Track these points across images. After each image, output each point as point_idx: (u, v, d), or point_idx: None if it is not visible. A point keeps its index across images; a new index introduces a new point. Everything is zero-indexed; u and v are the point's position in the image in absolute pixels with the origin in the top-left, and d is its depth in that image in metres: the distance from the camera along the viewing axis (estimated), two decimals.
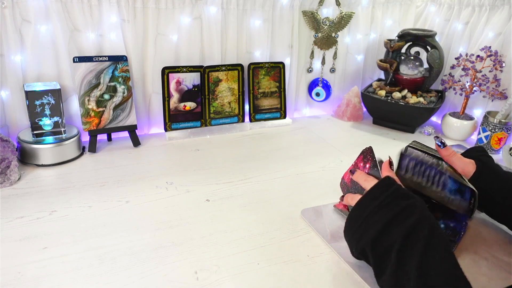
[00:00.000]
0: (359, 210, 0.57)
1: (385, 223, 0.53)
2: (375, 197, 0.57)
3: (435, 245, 0.49)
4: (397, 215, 0.53)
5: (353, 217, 0.58)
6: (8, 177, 0.81)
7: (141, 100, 1.08)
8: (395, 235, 0.51)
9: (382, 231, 0.53)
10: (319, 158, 1.01)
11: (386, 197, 0.56)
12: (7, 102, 0.93)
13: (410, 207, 0.54)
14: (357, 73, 1.37)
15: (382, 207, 0.55)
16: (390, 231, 0.52)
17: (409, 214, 0.53)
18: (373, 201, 0.56)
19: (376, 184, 0.58)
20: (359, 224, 0.56)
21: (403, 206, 0.54)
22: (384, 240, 0.52)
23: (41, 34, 0.92)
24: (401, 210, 0.53)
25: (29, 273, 0.58)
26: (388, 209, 0.54)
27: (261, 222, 0.73)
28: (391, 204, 0.55)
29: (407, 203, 0.54)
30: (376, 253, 0.53)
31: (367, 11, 1.28)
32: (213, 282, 0.58)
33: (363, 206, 0.57)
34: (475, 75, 1.13)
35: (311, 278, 0.60)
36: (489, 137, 1.08)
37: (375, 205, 0.56)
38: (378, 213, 0.55)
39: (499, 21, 1.12)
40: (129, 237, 0.67)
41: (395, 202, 0.55)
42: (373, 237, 0.53)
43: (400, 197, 0.55)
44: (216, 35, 1.09)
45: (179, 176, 0.89)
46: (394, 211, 0.53)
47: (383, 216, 0.54)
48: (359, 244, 0.56)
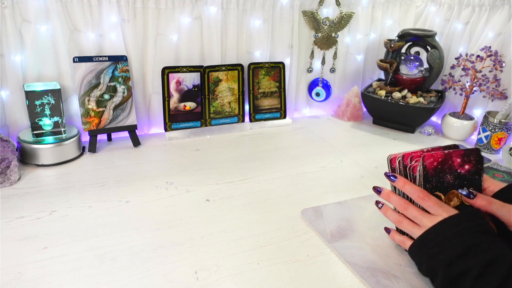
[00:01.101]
0: (437, 230, 0.56)
1: (465, 248, 0.52)
2: (458, 223, 0.55)
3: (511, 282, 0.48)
4: (479, 244, 0.52)
5: (429, 235, 0.57)
6: (8, 177, 0.81)
7: (141, 100, 1.08)
8: (475, 261, 0.50)
9: (460, 255, 0.52)
10: (319, 158, 1.01)
11: (469, 226, 0.54)
12: (7, 102, 0.93)
13: (492, 242, 0.53)
14: (357, 73, 1.37)
15: (464, 233, 0.54)
16: (469, 257, 0.51)
17: (490, 246, 0.52)
18: (455, 226, 0.55)
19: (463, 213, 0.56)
20: (434, 243, 0.55)
21: (485, 240, 0.53)
22: (460, 264, 0.52)
23: (41, 34, 0.92)
24: (482, 241, 0.52)
25: (29, 273, 0.58)
26: (470, 236, 0.53)
27: (261, 222, 0.73)
28: (474, 234, 0.54)
29: (490, 238, 0.53)
30: (449, 275, 0.53)
31: (367, 11, 1.28)
32: (213, 282, 0.58)
33: (443, 227, 0.56)
34: (475, 75, 1.13)
35: (311, 278, 0.60)
36: (489, 137, 1.08)
37: (456, 230, 0.54)
38: (458, 239, 0.53)
39: (499, 21, 1.12)
40: (129, 237, 0.67)
41: (478, 234, 0.54)
42: (448, 259, 0.53)
43: (484, 231, 0.54)
44: (216, 35, 1.09)
45: (179, 176, 0.89)
46: (476, 240, 0.53)
47: (465, 241, 0.53)
48: (430, 262, 0.55)
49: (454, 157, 0.61)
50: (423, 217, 0.59)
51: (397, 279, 0.59)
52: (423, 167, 0.60)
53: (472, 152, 0.61)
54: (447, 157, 0.61)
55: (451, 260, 0.52)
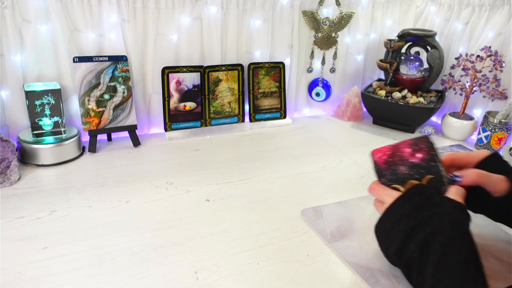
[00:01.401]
0: (386, 218, 0.58)
1: (407, 234, 0.54)
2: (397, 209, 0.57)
3: (452, 254, 0.48)
4: (418, 224, 0.53)
5: (379, 230, 0.59)
6: (8, 177, 0.81)
7: (141, 100, 1.08)
8: (414, 244, 0.52)
9: (404, 242, 0.54)
10: (319, 158, 1.01)
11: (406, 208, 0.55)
12: (7, 102, 0.93)
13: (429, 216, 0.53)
14: (357, 73, 1.37)
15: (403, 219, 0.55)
16: (411, 241, 0.53)
17: (428, 222, 0.52)
18: (395, 213, 0.57)
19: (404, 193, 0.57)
20: (386, 234, 0.58)
21: (423, 215, 0.53)
22: (406, 250, 0.53)
23: (41, 34, 0.92)
24: (421, 220, 0.53)
25: (29, 273, 0.58)
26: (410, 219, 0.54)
27: (261, 222, 0.73)
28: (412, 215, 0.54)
29: (428, 213, 0.54)
30: (402, 263, 0.55)
31: (367, 11, 1.28)
32: (213, 282, 0.58)
33: (390, 214, 0.57)
34: (475, 75, 1.13)
35: (311, 278, 0.60)
36: (489, 137, 1.08)
37: (397, 218, 0.56)
38: (400, 225, 0.55)
39: (499, 21, 1.12)
40: (129, 237, 0.67)
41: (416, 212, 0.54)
42: (397, 248, 0.55)
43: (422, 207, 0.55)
44: (216, 35, 1.09)
45: (179, 176, 0.89)
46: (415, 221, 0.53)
47: (405, 227, 0.54)
48: (388, 254, 0.58)
49: (403, 148, 0.61)
50: (379, 209, 0.61)
51: (397, 279, 0.59)
52: (373, 162, 0.62)
53: (420, 141, 0.60)
54: (395, 149, 0.61)
55: (399, 249, 0.54)
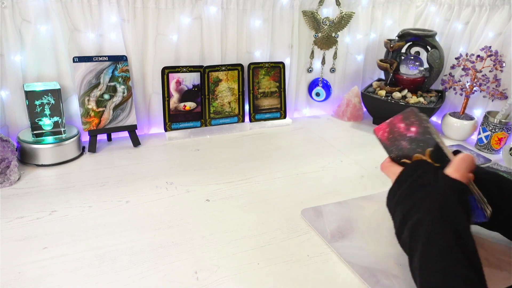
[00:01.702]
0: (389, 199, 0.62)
1: (402, 218, 0.57)
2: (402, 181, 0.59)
3: (437, 239, 0.50)
4: (410, 209, 0.56)
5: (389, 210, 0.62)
6: (8, 177, 0.81)
7: (141, 100, 1.08)
8: (407, 229, 0.55)
9: (401, 225, 0.57)
10: (319, 158, 1.01)
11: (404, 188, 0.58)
12: (7, 102, 0.93)
13: (422, 199, 0.55)
14: (357, 73, 1.37)
15: (399, 202, 0.58)
16: (405, 225, 0.55)
17: (420, 205, 0.55)
18: (401, 184, 0.59)
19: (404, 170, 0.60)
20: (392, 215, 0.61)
21: (419, 196, 0.56)
22: (403, 234, 0.56)
23: (41, 34, 0.92)
24: (413, 204, 0.56)
25: (29, 273, 0.58)
26: (406, 201, 0.57)
27: (261, 222, 0.73)
28: (409, 195, 0.57)
29: (422, 192, 0.56)
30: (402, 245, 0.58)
31: (367, 11, 1.28)
32: (213, 282, 0.58)
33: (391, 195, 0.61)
34: (475, 75, 1.13)
35: (311, 278, 0.60)
36: (489, 137, 1.08)
37: (396, 199, 0.59)
38: (398, 207, 0.58)
39: (499, 21, 1.12)
40: (129, 237, 0.67)
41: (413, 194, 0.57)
42: (397, 232, 0.59)
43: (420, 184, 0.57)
44: (216, 35, 1.09)
45: (179, 176, 0.89)
46: (409, 206, 0.56)
47: (401, 211, 0.57)
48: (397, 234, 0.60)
49: (397, 123, 0.61)
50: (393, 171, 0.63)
51: (397, 279, 0.59)
52: (379, 140, 0.62)
53: (409, 114, 0.60)
54: (391, 125, 0.62)
55: (397, 233, 0.58)
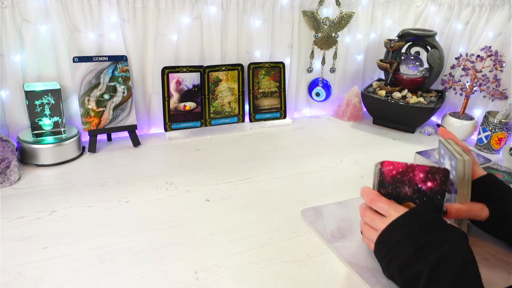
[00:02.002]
0: (390, 231, 0.56)
1: (415, 251, 0.52)
2: (408, 222, 0.55)
3: (467, 279, 0.48)
4: (428, 243, 0.52)
5: (384, 238, 0.57)
6: (8, 177, 0.81)
7: (141, 100, 1.08)
8: (424, 264, 0.50)
9: (411, 259, 0.52)
10: (319, 158, 1.01)
11: (419, 223, 0.54)
12: (7, 102, 0.93)
13: (443, 237, 0.52)
14: (357, 73, 1.37)
15: (414, 234, 0.53)
16: (419, 260, 0.51)
17: (441, 243, 0.51)
18: (404, 226, 0.55)
19: (412, 210, 0.56)
20: (388, 248, 0.55)
21: (436, 236, 0.52)
22: (412, 268, 0.51)
23: (41, 34, 0.92)
24: (432, 239, 0.52)
25: (29, 273, 0.58)
26: (419, 237, 0.53)
27: (261, 222, 0.73)
28: (423, 231, 0.53)
29: (441, 234, 0.52)
30: (403, 280, 0.53)
31: (367, 11, 1.28)
32: (213, 282, 0.58)
33: (396, 227, 0.56)
34: (475, 75, 1.13)
35: (311, 278, 0.60)
36: (489, 137, 1.08)
37: (405, 232, 0.54)
38: (409, 239, 0.53)
39: (499, 21, 1.12)
40: (129, 237, 0.67)
41: (428, 230, 0.53)
42: (401, 264, 0.53)
43: (434, 226, 0.54)
44: (216, 35, 1.09)
45: (179, 176, 0.89)
46: (425, 240, 0.52)
47: (414, 242, 0.52)
48: (388, 268, 0.56)
49: (417, 171, 0.59)
50: (377, 221, 0.59)
51: None
52: (380, 172, 0.60)
53: (439, 171, 0.59)
54: (409, 169, 0.59)
55: (403, 265, 0.52)
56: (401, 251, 0.53)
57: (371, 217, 0.60)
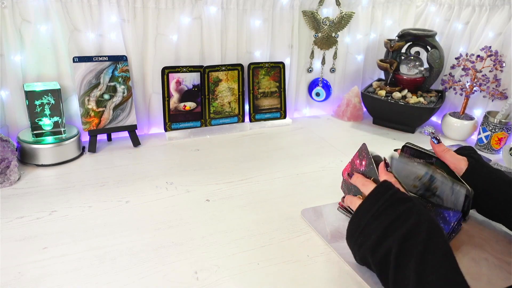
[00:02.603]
0: (358, 218, 0.58)
1: (382, 230, 0.53)
2: (372, 204, 0.57)
3: (434, 249, 0.49)
4: (394, 221, 0.53)
5: (353, 226, 0.59)
6: (8, 177, 0.81)
7: (141, 100, 1.08)
8: (392, 241, 0.52)
9: (380, 238, 0.53)
10: (319, 158, 1.01)
11: (382, 203, 0.56)
12: (7, 102, 0.93)
13: (407, 212, 0.54)
14: (357, 73, 1.37)
15: (380, 214, 0.55)
16: (387, 238, 0.53)
17: (406, 218, 0.53)
18: (370, 209, 0.57)
19: (373, 191, 0.58)
20: (358, 233, 0.57)
21: (400, 211, 0.54)
22: (382, 246, 0.53)
23: (41, 34, 0.92)
24: (397, 216, 0.53)
25: (29, 273, 0.58)
26: (385, 216, 0.55)
27: (261, 222, 0.73)
28: (388, 210, 0.55)
29: (404, 208, 0.54)
30: (375, 260, 0.54)
31: (367, 11, 1.28)
32: (213, 282, 0.58)
33: (361, 214, 0.58)
34: (475, 75, 1.13)
35: (311, 278, 0.60)
36: (489, 137, 1.08)
37: (372, 214, 0.56)
38: (375, 221, 0.55)
39: (499, 21, 1.12)
40: (129, 237, 0.67)
41: (392, 208, 0.55)
42: (371, 245, 0.54)
43: (397, 202, 0.55)
44: (216, 35, 1.09)
45: (179, 176, 0.89)
46: (391, 218, 0.54)
47: (380, 224, 0.54)
48: (360, 251, 0.57)
49: (354, 160, 0.70)
50: (354, 203, 0.62)
51: None
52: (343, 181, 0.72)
53: (362, 149, 0.68)
54: (351, 163, 0.70)
55: (374, 246, 0.54)
56: (370, 232, 0.55)
57: (351, 199, 0.65)
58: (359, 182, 0.65)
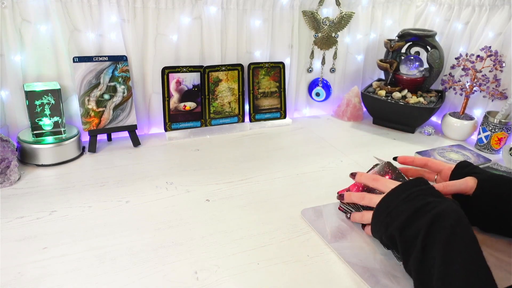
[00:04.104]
0: (387, 202, 0.60)
1: (412, 212, 0.56)
2: (403, 190, 0.60)
3: (461, 235, 0.50)
4: (424, 205, 0.56)
5: (380, 208, 0.61)
6: (8, 177, 0.81)
7: (141, 100, 1.08)
8: (421, 223, 0.53)
9: (409, 219, 0.55)
10: (319, 158, 1.01)
11: (415, 191, 0.59)
12: (7, 102, 0.93)
13: (436, 201, 0.56)
14: (357, 73, 1.37)
15: (410, 200, 0.58)
16: (418, 219, 0.54)
17: (435, 205, 0.55)
18: (401, 194, 0.59)
19: (406, 182, 0.61)
20: (386, 213, 0.59)
21: (430, 200, 0.56)
22: (410, 227, 0.55)
23: (41, 34, 0.92)
24: (427, 202, 0.56)
25: (29, 273, 0.58)
26: (416, 201, 0.57)
27: (261, 222, 0.73)
28: (419, 197, 0.57)
29: (434, 199, 0.57)
30: (403, 240, 0.55)
31: (367, 11, 1.28)
32: (213, 282, 0.58)
33: (391, 199, 0.60)
34: (475, 75, 1.13)
35: (311, 278, 0.60)
36: (489, 137, 1.08)
37: (402, 198, 0.58)
38: (405, 205, 0.57)
39: (499, 21, 1.12)
40: (129, 237, 0.67)
41: (423, 196, 0.58)
42: (400, 225, 0.56)
43: (428, 193, 0.58)
44: (216, 35, 1.09)
45: (179, 176, 0.89)
46: (421, 203, 0.56)
47: (410, 207, 0.56)
48: (387, 231, 0.58)
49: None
50: (376, 198, 0.63)
51: (397, 279, 0.59)
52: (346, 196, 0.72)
53: (384, 167, 0.71)
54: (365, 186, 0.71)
55: (403, 225, 0.56)
56: (400, 213, 0.57)
57: (371, 196, 0.65)
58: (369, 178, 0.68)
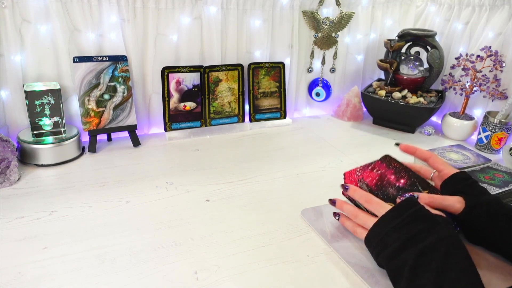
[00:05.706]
0: (379, 227, 0.59)
1: (401, 243, 0.55)
2: (395, 216, 0.58)
3: (451, 266, 0.50)
4: (414, 236, 0.55)
5: (373, 233, 0.60)
6: (8, 177, 0.81)
7: (141, 100, 1.08)
8: (409, 254, 0.53)
9: (398, 250, 0.55)
10: (319, 158, 1.01)
11: (406, 217, 0.57)
12: (7, 102, 0.93)
13: (427, 229, 0.55)
14: (357, 73, 1.37)
15: (401, 227, 0.57)
16: (405, 250, 0.54)
17: (426, 236, 0.54)
18: (393, 220, 0.58)
19: (398, 204, 0.60)
20: (378, 240, 0.58)
21: (421, 228, 0.55)
22: (398, 258, 0.54)
23: (41, 34, 0.92)
24: (418, 232, 0.55)
25: (29, 273, 0.58)
26: (406, 229, 0.56)
27: (261, 222, 0.73)
28: (410, 225, 0.56)
29: (425, 226, 0.55)
30: (390, 268, 0.56)
31: (367, 11, 1.28)
32: (213, 282, 0.58)
33: (383, 224, 0.59)
34: (475, 75, 1.13)
35: (311, 278, 0.60)
36: (489, 137, 1.08)
37: (393, 225, 0.57)
38: (395, 233, 0.56)
39: (499, 21, 1.12)
40: (129, 237, 0.67)
41: (414, 223, 0.56)
42: (389, 254, 0.56)
43: (420, 219, 0.57)
44: (216, 35, 1.09)
45: (179, 176, 0.89)
46: (411, 233, 0.55)
47: (400, 237, 0.56)
48: (377, 259, 0.59)
49: (388, 175, 0.69)
50: (369, 221, 0.62)
51: None
52: (365, 185, 0.68)
53: (401, 170, 0.69)
54: (382, 176, 0.69)
55: (391, 256, 0.56)
56: (389, 243, 0.57)
57: (365, 218, 0.64)
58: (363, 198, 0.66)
